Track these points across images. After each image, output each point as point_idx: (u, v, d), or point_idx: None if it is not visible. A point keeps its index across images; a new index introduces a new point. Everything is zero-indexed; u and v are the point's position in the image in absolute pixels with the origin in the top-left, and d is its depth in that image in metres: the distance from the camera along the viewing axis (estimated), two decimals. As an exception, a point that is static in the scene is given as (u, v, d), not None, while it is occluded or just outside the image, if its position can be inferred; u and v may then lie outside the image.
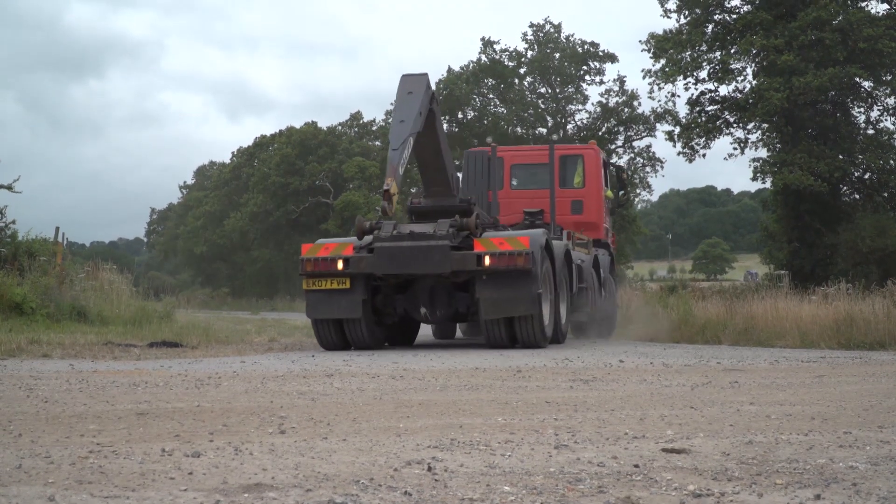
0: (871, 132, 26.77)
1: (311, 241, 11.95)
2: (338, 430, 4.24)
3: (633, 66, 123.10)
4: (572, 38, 42.36)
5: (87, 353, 9.57)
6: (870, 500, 2.88)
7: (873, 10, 25.70)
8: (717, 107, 27.71)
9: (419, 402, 5.41)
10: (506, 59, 42.63)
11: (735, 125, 27.59)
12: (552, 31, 42.66)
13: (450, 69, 42.87)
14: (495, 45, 42.70)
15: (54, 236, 16.65)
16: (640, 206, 49.02)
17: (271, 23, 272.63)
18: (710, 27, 27.41)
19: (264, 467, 3.28)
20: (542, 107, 43.08)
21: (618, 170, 17.63)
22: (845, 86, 25.07)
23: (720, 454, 3.62)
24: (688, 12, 27.44)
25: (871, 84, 25.97)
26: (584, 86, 42.67)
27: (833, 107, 26.52)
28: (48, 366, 8.01)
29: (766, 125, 26.96)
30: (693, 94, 27.79)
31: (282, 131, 58.00)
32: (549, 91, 43.08)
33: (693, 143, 27.62)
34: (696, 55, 26.98)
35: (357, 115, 58.86)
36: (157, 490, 2.91)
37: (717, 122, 27.55)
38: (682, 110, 30.90)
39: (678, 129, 28.29)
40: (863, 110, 27.20)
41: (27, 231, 16.33)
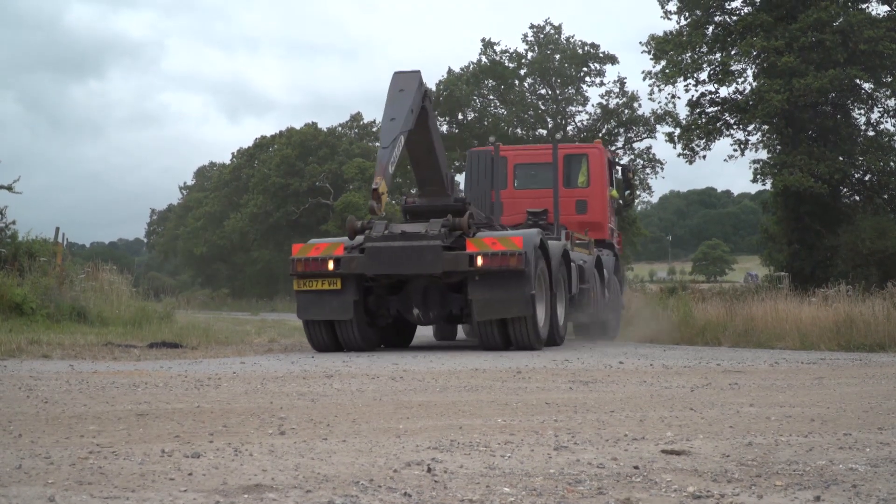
0: (871, 134, 26.79)
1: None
2: (337, 431, 4.24)
3: (634, 68, 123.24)
4: (572, 40, 42.41)
5: (86, 354, 9.57)
6: (870, 501, 2.88)
7: (874, 12, 25.75)
8: (717, 108, 27.73)
9: (419, 403, 5.41)
10: (506, 61, 42.66)
11: (735, 127, 27.62)
12: (552, 32, 42.71)
13: (450, 70, 42.92)
14: (495, 47, 42.74)
15: (54, 237, 16.65)
16: (640, 207, 49.07)
17: (271, 23, 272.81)
18: (711, 29, 27.43)
19: (264, 468, 3.28)
20: (543, 108, 43.10)
21: (623, 169, 17.45)
22: (846, 87, 25.09)
23: (720, 456, 3.62)
24: (688, 14, 27.46)
25: (872, 86, 26.00)
26: (585, 87, 42.73)
27: (833, 108, 26.53)
28: (48, 366, 8.00)
29: (766, 127, 26.98)
30: (693, 96, 27.84)
31: (282, 132, 58.06)
32: (550, 92, 43.10)
33: (693, 144, 27.64)
34: (696, 57, 26.99)
35: (357, 116, 58.94)
36: (156, 491, 2.91)
37: (718, 124, 27.56)
38: (683, 112, 30.95)
39: (678, 131, 28.32)
40: (863, 112, 27.25)
41: (27, 231, 16.35)
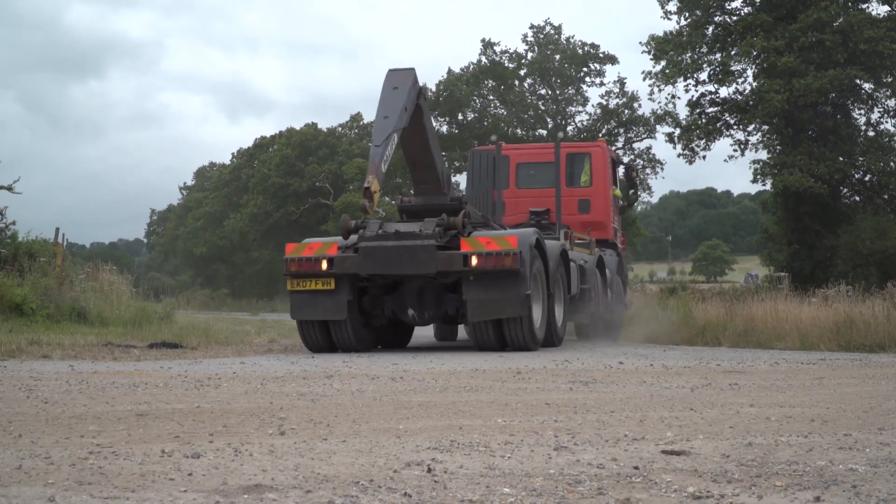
0: (871, 134, 26.81)
1: None
2: (337, 431, 4.24)
3: (634, 68, 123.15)
4: (572, 40, 42.41)
5: (86, 354, 9.57)
6: (869, 502, 2.88)
7: (874, 12, 25.76)
8: (717, 108, 27.74)
9: (419, 403, 5.41)
10: (506, 61, 42.66)
11: (735, 127, 27.63)
12: (552, 32, 42.70)
13: (450, 70, 42.91)
14: (495, 47, 42.74)
15: (54, 237, 16.65)
16: (639, 207, 49.09)
17: (271, 23, 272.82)
18: (711, 29, 27.44)
19: (264, 468, 3.28)
20: (543, 108, 43.10)
21: (627, 168, 17.31)
22: (846, 88, 25.10)
23: (720, 456, 3.62)
24: (688, 14, 27.47)
25: (872, 86, 26.01)
26: (585, 87, 42.73)
27: (833, 109, 26.54)
28: (48, 367, 8.01)
29: (766, 127, 26.98)
30: (693, 96, 27.85)
31: (282, 132, 58.08)
32: (550, 92, 43.10)
33: (693, 144, 27.65)
34: (696, 57, 27.00)
35: (357, 117, 58.93)
36: (156, 491, 2.91)
37: (718, 124, 27.58)
38: (683, 112, 30.98)
39: (678, 131, 28.34)
40: (863, 112, 27.27)
41: (27, 232, 16.36)
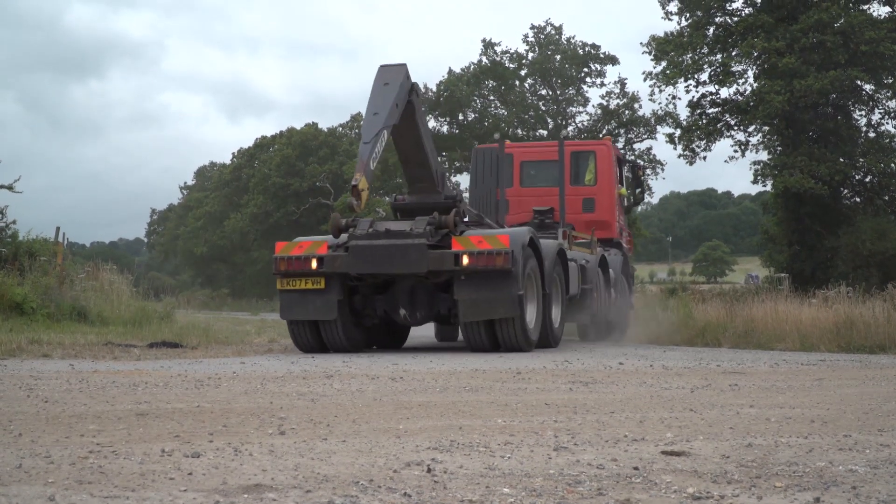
0: (872, 135, 26.81)
1: None
2: (337, 431, 4.24)
3: (634, 69, 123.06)
4: (573, 40, 42.44)
5: (87, 354, 9.57)
6: (869, 503, 2.88)
7: (875, 13, 25.76)
8: (717, 109, 27.74)
9: (419, 403, 5.41)
10: (506, 61, 42.68)
11: (736, 128, 27.64)
12: (553, 32, 42.72)
13: (450, 71, 42.94)
14: (496, 47, 42.76)
15: (55, 236, 16.66)
16: (640, 208, 49.03)
17: (271, 23, 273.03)
18: (712, 30, 27.44)
19: (264, 468, 3.28)
20: (543, 109, 43.11)
21: (633, 167, 17.15)
22: (846, 89, 25.09)
23: (720, 457, 3.62)
24: (689, 14, 27.47)
25: (873, 87, 26.02)
26: (585, 88, 42.77)
27: (834, 110, 26.54)
28: (48, 366, 8.01)
29: (766, 128, 26.99)
30: (694, 97, 27.85)
31: (282, 132, 58.13)
32: (550, 93, 43.12)
33: (694, 145, 27.65)
34: (697, 57, 27.00)
35: (358, 117, 58.85)
36: (156, 490, 2.91)
37: (718, 125, 27.58)
38: (683, 113, 30.91)
39: (679, 132, 28.34)
40: (864, 113, 27.28)
41: (28, 231, 16.38)
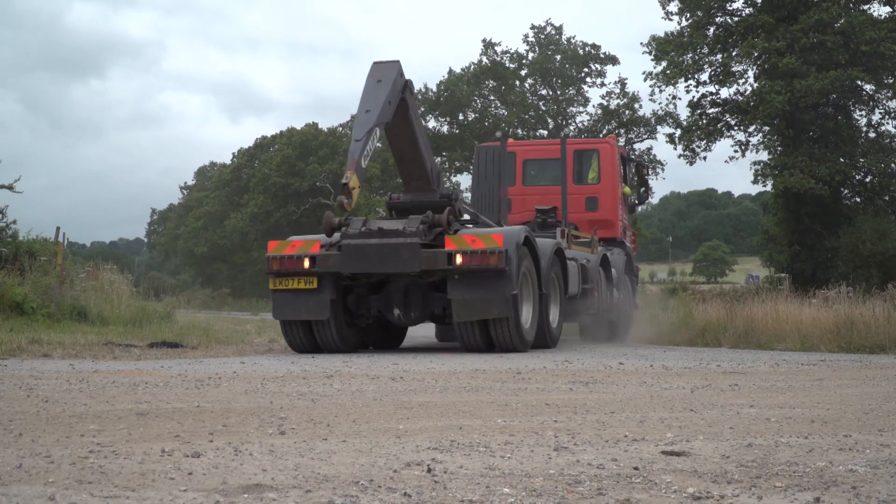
0: (872, 135, 26.81)
1: None
2: (337, 431, 4.24)
3: (635, 69, 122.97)
4: (573, 40, 42.48)
5: (87, 353, 9.57)
6: (869, 503, 2.88)
7: (875, 13, 25.75)
8: (718, 109, 27.75)
9: (419, 403, 5.41)
10: (507, 61, 42.72)
11: (736, 128, 27.65)
12: (553, 32, 42.75)
13: (451, 71, 42.96)
14: (496, 47, 42.80)
15: (55, 236, 16.67)
16: (641, 208, 49.08)
17: (272, 24, 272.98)
18: (712, 30, 27.44)
19: (264, 468, 3.28)
20: (543, 109, 43.14)
21: (638, 165, 17.08)
22: (847, 89, 25.09)
23: (720, 457, 3.62)
24: (689, 15, 27.48)
25: (873, 87, 26.02)
26: (585, 88, 42.82)
27: (834, 110, 26.54)
28: (48, 366, 8.01)
29: (767, 128, 26.99)
30: (694, 97, 27.86)
31: (282, 132, 58.10)
32: (550, 93, 43.14)
33: (694, 145, 27.67)
34: (697, 58, 27.00)
35: (358, 117, 58.83)
36: (156, 490, 2.91)
37: (718, 125, 27.58)
38: (683, 113, 30.94)
39: (679, 132, 28.37)
40: (864, 113, 27.28)
41: (28, 231, 16.43)
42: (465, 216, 11.94)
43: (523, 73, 42.88)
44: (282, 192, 53.85)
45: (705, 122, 27.57)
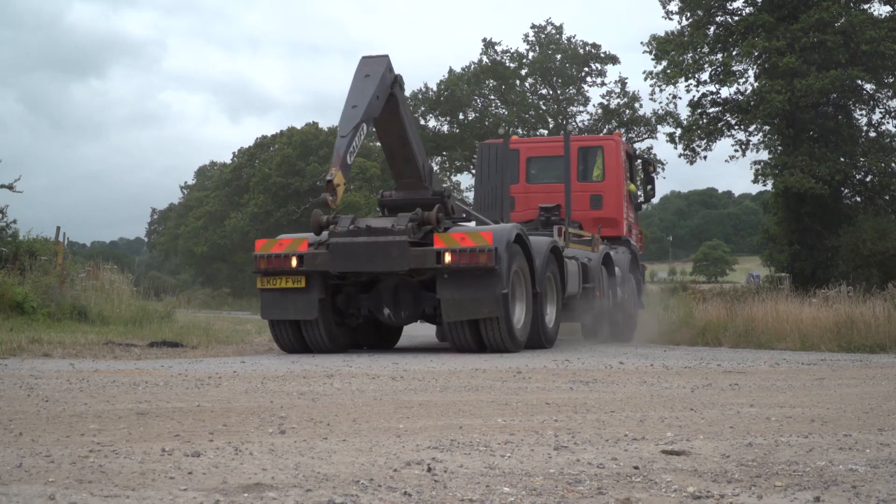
0: (872, 135, 26.77)
1: None
2: (338, 430, 4.24)
3: (635, 68, 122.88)
4: (574, 40, 42.41)
5: (87, 353, 9.57)
6: (869, 502, 2.88)
7: (876, 13, 25.71)
8: (718, 109, 27.71)
9: (419, 402, 5.41)
10: (507, 61, 42.68)
11: (736, 127, 27.60)
12: (553, 32, 42.71)
13: (451, 70, 42.93)
14: (496, 47, 42.76)
15: (55, 236, 16.67)
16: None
17: (272, 23, 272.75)
18: (712, 29, 27.41)
19: (264, 467, 3.29)
20: (544, 108, 43.12)
21: (645, 163, 16.86)
22: (847, 88, 25.07)
23: (720, 456, 3.62)
24: (689, 14, 27.44)
25: (873, 87, 25.97)
26: (586, 87, 42.75)
27: (835, 109, 26.51)
28: (49, 365, 8.01)
29: (767, 127, 26.96)
30: (694, 96, 27.81)
31: (283, 132, 58.07)
32: (551, 92, 43.12)
33: (694, 145, 27.63)
34: (697, 57, 26.97)
35: (358, 116, 58.80)
36: (156, 489, 2.91)
37: (719, 125, 27.55)
38: (684, 112, 30.87)
39: (679, 131, 28.33)
40: (864, 113, 27.22)
41: (28, 231, 16.43)
42: (463, 215, 11.78)
43: (523, 72, 42.86)
44: (282, 192, 53.83)
45: (705, 121, 27.53)
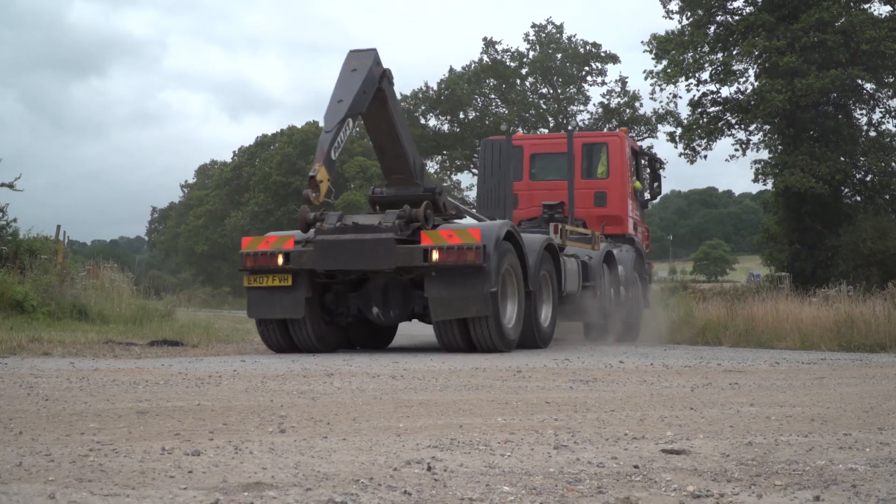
0: (872, 134, 26.78)
1: None
2: (338, 429, 4.24)
3: (635, 67, 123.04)
4: (574, 39, 42.45)
5: (87, 352, 9.57)
6: (869, 501, 2.88)
7: (876, 12, 25.71)
8: (718, 108, 27.71)
9: (419, 401, 5.41)
10: (507, 60, 42.69)
11: (736, 127, 27.61)
12: (554, 31, 42.73)
13: (451, 69, 42.94)
14: (497, 46, 42.77)
15: (55, 235, 16.67)
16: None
17: (273, 23, 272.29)
18: (713, 28, 27.41)
19: (264, 466, 3.29)
20: (544, 107, 43.13)
21: (650, 160, 16.69)
22: (847, 88, 25.07)
23: (720, 455, 3.62)
24: (690, 13, 27.45)
25: (874, 86, 25.98)
26: (586, 86, 42.79)
27: (835, 109, 26.52)
28: (49, 364, 8.01)
29: (767, 127, 26.96)
30: (695, 96, 27.81)
31: (283, 130, 58.10)
32: (551, 91, 43.13)
33: (694, 144, 27.63)
34: (697, 56, 26.97)
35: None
36: (157, 488, 2.91)
37: (719, 124, 27.55)
38: (684, 111, 30.89)
39: (680, 131, 28.34)
40: (865, 112, 27.23)
41: (28, 229, 16.38)
42: (453, 212, 11.56)
43: (524, 71, 42.88)
44: (282, 191, 53.83)
45: (706, 120, 27.54)
